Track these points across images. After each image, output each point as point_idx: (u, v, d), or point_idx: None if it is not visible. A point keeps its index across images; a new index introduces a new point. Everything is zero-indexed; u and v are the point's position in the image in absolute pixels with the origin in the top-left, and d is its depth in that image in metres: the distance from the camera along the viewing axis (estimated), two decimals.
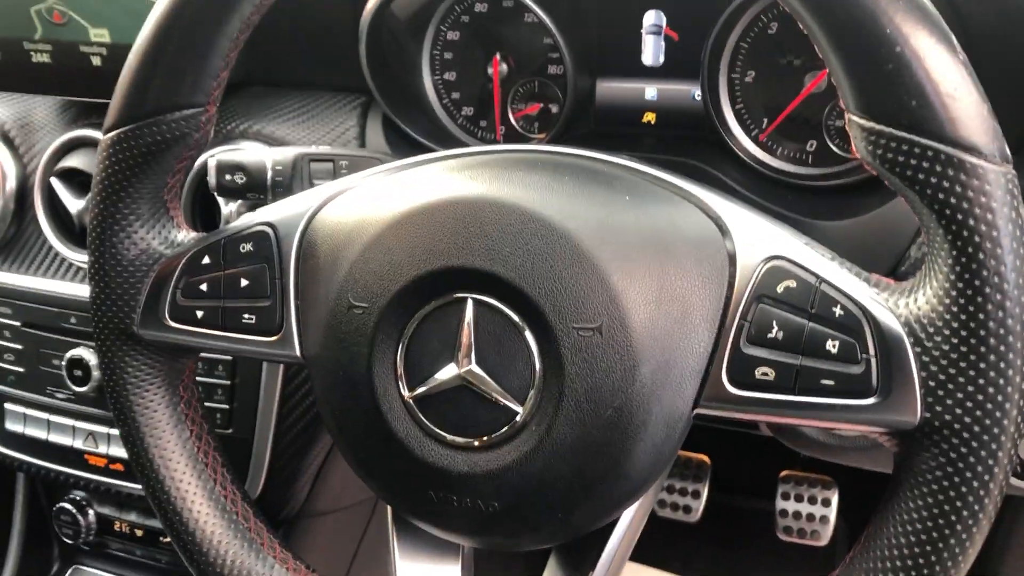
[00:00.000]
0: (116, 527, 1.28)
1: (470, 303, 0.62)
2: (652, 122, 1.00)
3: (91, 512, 1.28)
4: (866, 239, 0.85)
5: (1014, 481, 0.90)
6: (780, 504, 1.44)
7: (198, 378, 1.07)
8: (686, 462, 1.51)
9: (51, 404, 1.18)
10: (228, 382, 1.08)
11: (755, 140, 0.95)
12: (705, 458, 1.52)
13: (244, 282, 0.71)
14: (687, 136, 0.99)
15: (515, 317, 0.62)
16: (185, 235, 0.75)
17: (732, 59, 0.93)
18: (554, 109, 1.03)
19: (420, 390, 0.64)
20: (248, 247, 0.71)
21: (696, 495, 1.49)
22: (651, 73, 0.99)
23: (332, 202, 0.71)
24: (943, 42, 0.52)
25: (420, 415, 0.64)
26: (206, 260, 0.72)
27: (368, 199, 0.69)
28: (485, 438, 0.63)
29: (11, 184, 1.16)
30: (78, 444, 1.17)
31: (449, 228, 0.62)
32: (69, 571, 1.33)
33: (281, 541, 0.77)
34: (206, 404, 1.07)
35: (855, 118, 0.55)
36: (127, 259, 0.73)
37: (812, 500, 1.44)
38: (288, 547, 0.77)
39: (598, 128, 1.03)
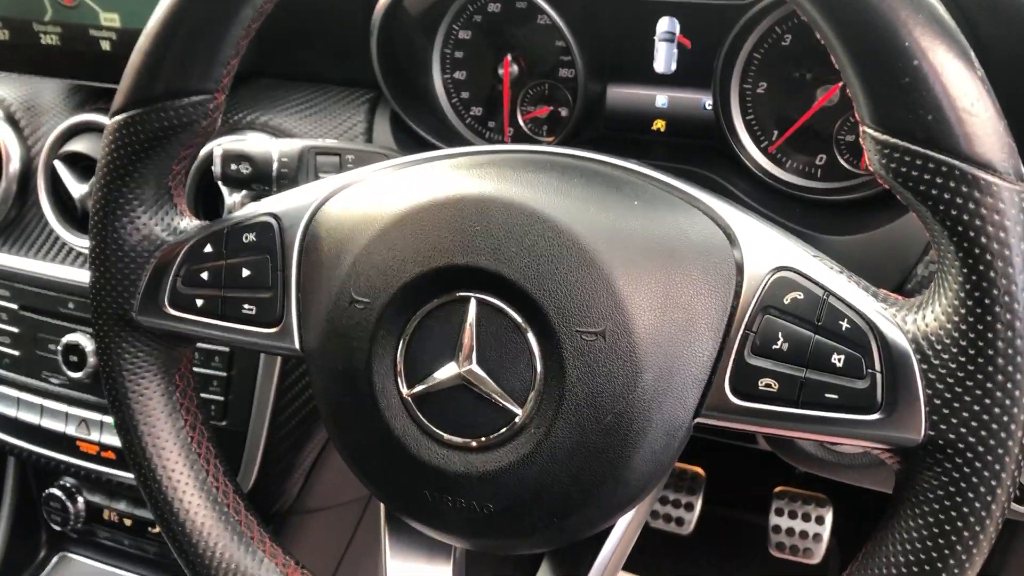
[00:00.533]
0: (105, 516, 1.27)
1: (473, 303, 0.62)
2: (662, 130, 1.00)
3: (80, 499, 1.27)
4: (872, 255, 0.85)
5: (1014, 506, 0.89)
6: (773, 520, 1.43)
7: (194, 369, 1.07)
8: (681, 474, 1.50)
9: (45, 389, 1.18)
10: (224, 374, 1.07)
11: (764, 152, 0.94)
12: (700, 470, 1.51)
13: (246, 272, 0.70)
14: (696, 145, 0.98)
15: (518, 318, 0.61)
16: (188, 223, 0.74)
17: (744, 69, 0.93)
18: (563, 113, 1.03)
19: (419, 388, 0.63)
20: (251, 237, 0.71)
21: (689, 507, 1.48)
22: (662, 80, 0.98)
23: (337, 195, 0.70)
24: (961, 57, 0.52)
25: (418, 413, 0.64)
26: (208, 248, 0.72)
27: (374, 193, 0.68)
28: (483, 439, 0.62)
29: (15, 166, 1.15)
30: (70, 430, 1.16)
31: (455, 226, 0.62)
32: (55, 558, 1.32)
33: (272, 536, 0.76)
34: (201, 395, 1.06)
35: (869, 131, 0.55)
36: (128, 244, 0.72)
37: (806, 517, 1.43)
38: (278, 542, 0.76)
39: (607, 133, 1.02)
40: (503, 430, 0.62)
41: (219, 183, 0.90)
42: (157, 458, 0.74)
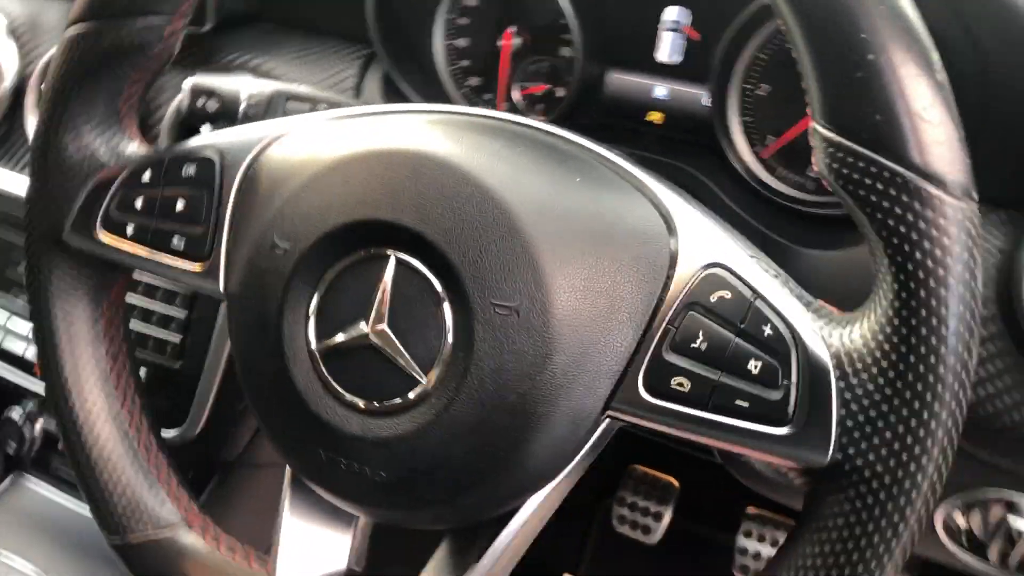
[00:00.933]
0: (60, 446, 1.26)
1: (392, 261, 0.59)
2: (658, 122, 0.96)
3: (37, 426, 1.26)
4: (848, 273, 0.81)
5: (960, 553, 0.85)
6: (741, 541, 1.40)
7: (156, 307, 1.05)
8: (653, 482, 1.47)
9: (10, 308, 1.17)
10: (184, 315, 1.05)
11: (756, 156, 0.91)
12: (674, 481, 1.48)
13: (180, 205, 0.68)
14: (690, 141, 0.94)
15: (435, 282, 0.58)
16: (134, 148, 0.72)
17: (748, 69, 0.89)
18: (560, 93, 1.00)
19: (327, 342, 0.61)
20: (191, 171, 0.68)
21: (658, 517, 1.45)
22: (664, 71, 0.94)
23: (283, 138, 0.68)
24: (921, 57, 0.48)
25: (323, 368, 0.61)
26: (147, 176, 0.70)
27: (318, 140, 0.66)
28: (383, 403, 0.59)
29: (8, 82, 1.14)
30: (30, 354, 1.15)
31: (384, 180, 0.59)
32: (10, 478, 1.31)
33: (180, 478, 0.74)
34: (158, 335, 1.05)
35: (817, 126, 0.51)
36: (68, 163, 0.71)
37: (774, 543, 1.39)
38: (186, 486, 0.74)
39: (603, 120, 0.99)
40: (404, 397, 0.59)
41: (188, 118, 0.87)
42: (73, 383, 0.73)
